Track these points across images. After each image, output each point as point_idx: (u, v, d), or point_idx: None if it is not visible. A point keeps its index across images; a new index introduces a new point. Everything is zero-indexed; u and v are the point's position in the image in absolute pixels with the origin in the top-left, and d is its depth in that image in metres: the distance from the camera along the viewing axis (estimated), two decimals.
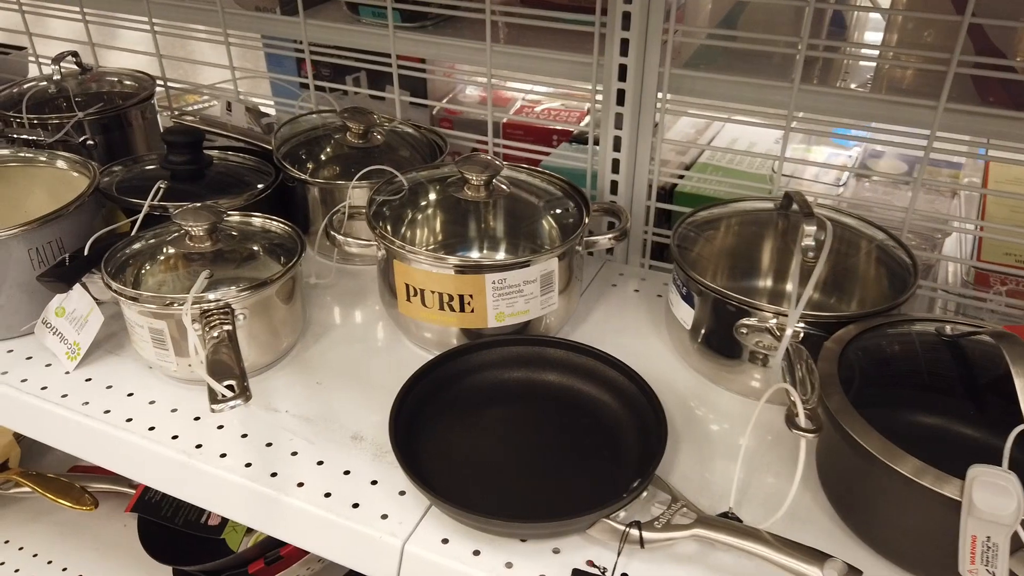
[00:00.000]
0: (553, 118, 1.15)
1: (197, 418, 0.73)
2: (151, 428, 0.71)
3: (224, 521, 1.03)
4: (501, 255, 0.77)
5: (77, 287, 0.77)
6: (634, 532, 0.56)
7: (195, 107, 1.29)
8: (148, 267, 0.77)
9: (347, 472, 0.67)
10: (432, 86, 1.27)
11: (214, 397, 0.59)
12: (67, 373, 0.78)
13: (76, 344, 0.78)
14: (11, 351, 0.81)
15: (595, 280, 0.93)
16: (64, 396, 0.75)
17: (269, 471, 0.67)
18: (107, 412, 0.73)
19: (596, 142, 0.95)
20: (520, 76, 1.15)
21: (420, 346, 0.82)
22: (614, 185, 0.94)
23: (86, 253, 0.78)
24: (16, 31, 1.30)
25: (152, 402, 0.74)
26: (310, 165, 0.94)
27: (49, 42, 1.30)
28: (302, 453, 0.69)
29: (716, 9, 0.92)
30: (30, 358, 0.80)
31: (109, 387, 0.76)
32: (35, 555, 1.06)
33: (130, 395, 0.75)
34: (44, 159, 0.92)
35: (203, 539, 1.01)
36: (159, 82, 1.16)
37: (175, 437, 0.70)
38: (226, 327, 0.69)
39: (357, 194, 0.90)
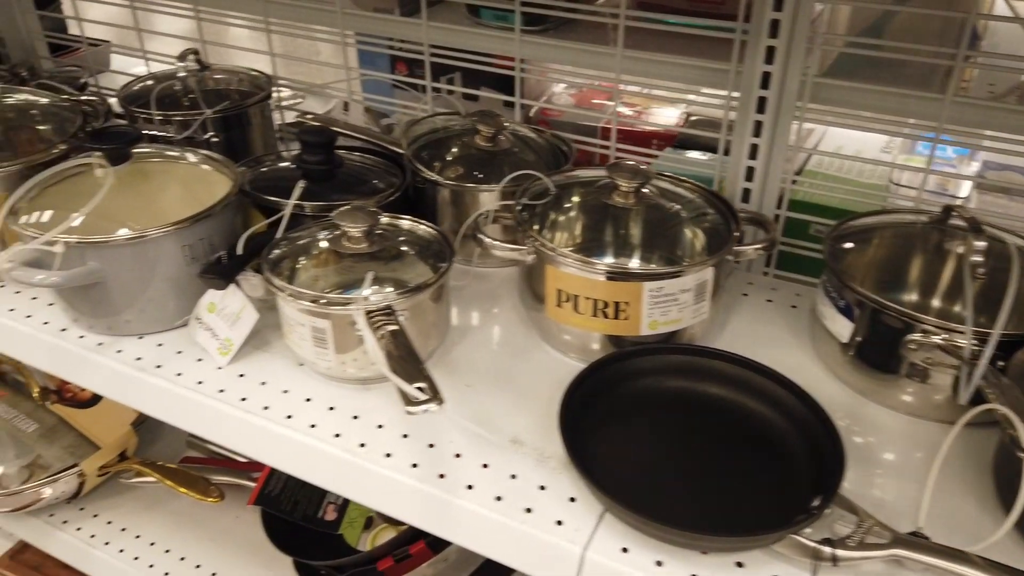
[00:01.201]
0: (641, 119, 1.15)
1: (355, 417, 0.74)
2: (312, 426, 0.72)
3: (340, 516, 1.04)
4: (651, 262, 0.76)
5: (230, 285, 0.79)
6: (827, 550, 0.56)
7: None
8: (302, 266, 0.78)
9: (513, 476, 0.67)
10: (524, 86, 1.28)
11: (408, 400, 0.59)
12: (219, 368, 0.79)
13: (228, 340, 0.79)
14: (160, 345, 0.82)
15: (725, 290, 0.93)
16: (221, 391, 0.76)
17: (436, 472, 0.68)
18: (266, 408, 0.74)
19: (726, 151, 0.95)
20: (629, 80, 1.14)
21: (560, 350, 0.82)
22: (745, 193, 0.93)
23: (240, 251, 0.79)
24: (123, 27, 1.32)
25: (308, 399, 0.75)
26: (437, 167, 0.95)
27: (143, 38, 1.32)
28: (465, 456, 0.69)
29: (856, 19, 0.91)
30: (180, 352, 0.81)
31: (263, 383, 0.77)
32: (152, 543, 1.08)
33: (285, 392, 0.76)
34: (176, 154, 0.93)
35: (321, 534, 1.02)
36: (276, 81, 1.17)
37: (337, 435, 0.71)
38: (390, 327, 0.70)
39: (486, 198, 0.91)
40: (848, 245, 0.79)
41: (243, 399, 0.75)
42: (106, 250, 0.76)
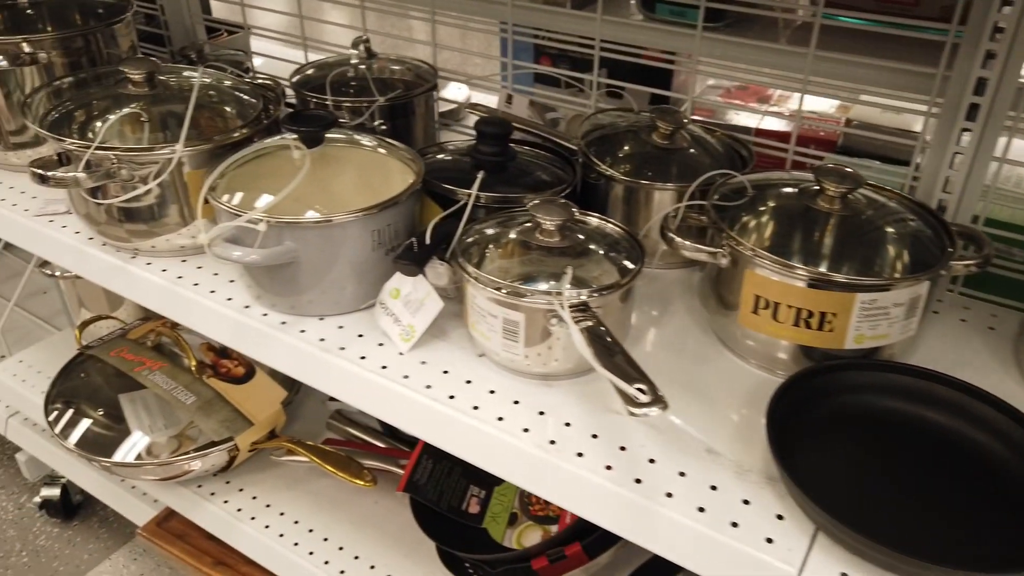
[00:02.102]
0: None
1: (541, 412, 0.72)
2: (500, 419, 0.71)
3: (483, 510, 1.04)
4: (856, 273, 0.72)
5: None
6: None
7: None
8: (490, 256, 0.77)
9: (714, 488, 0.65)
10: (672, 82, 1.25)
11: (629, 400, 0.58)
12: (400, 354, 0.79)
13: (411, 327, 0.79)
14: (341, 327, 0.83)
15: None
16: (406, 377, 0.76)
17: (632, 476, 0.66)
18: (452, 398, 0.74)
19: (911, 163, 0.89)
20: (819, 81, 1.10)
21: (743, 358, 0.79)
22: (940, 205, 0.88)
23: (428, 239, 0.79)
24: (289, 13, 1.35)
25: (492, 391, 0.75)
26: (610, 162, 0.93)
27: (261, 20, 1.35)
28: (660, 462, 0.67)
29: None
30: (361, 336, 0.81)
31: (446, 372, 0.77)
32: (296, 522, 1.10)
33: (468, 382, 0.76)
34: (355, 139, 0.94)
35: (463, 526, 1.02)
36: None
37: (526, 431, 0.70)
38: (587, 323, 0.68)
39: (665, 197, 0.89)
40: None
41: (428, 386, 0.75)
42: (303, 231, 0.77)
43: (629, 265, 0.75)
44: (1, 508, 1.50)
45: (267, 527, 1.09)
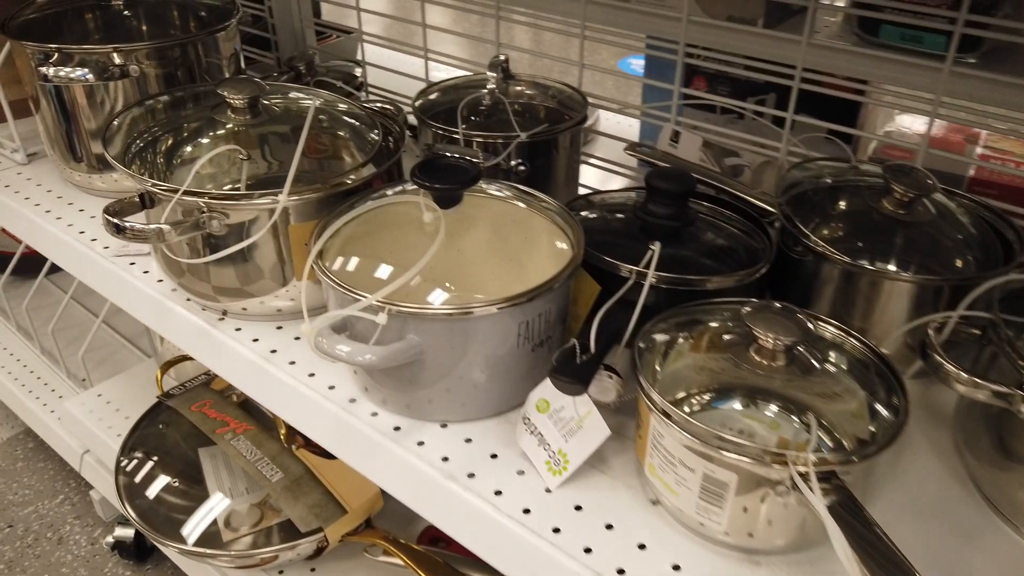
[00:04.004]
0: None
1: None
2: None
3: None
4: None
5: None
6: None
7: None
8: (677, 371, 0.57)
9: None
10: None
11: None
12: (548, 491, 0.60)
13: (563, 455, 0.60)
14: (469, 441, 0.64)
15: None
16: (556, 532, 0.57)
17: None
18: (621, 573, 0.54)
19: None
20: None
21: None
22: None
23: (592, 341, 0.59)
24: (404, 19, 1.18)
25: (676, 568, 0.54)
26: (822, 233, 0.71)
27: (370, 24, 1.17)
28: None
29: None
30: (495, 457, 0.63)
31: (609, 527, 0.57)
32: None
33: (641, 548, 0.56)
34: (491, 189, 0.75)
35: None
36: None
37: None
38: (835, 496, 0.47)
39: (902, 291, 0.66)
40: None
41: (587, 550, 0.55)
42: (431, 323, 0.59)
43: (884, 410, 0.54)
44: (74, 542, 1.40)
45: None
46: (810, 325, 0.54)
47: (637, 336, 0.60)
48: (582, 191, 0.92)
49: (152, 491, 1.01)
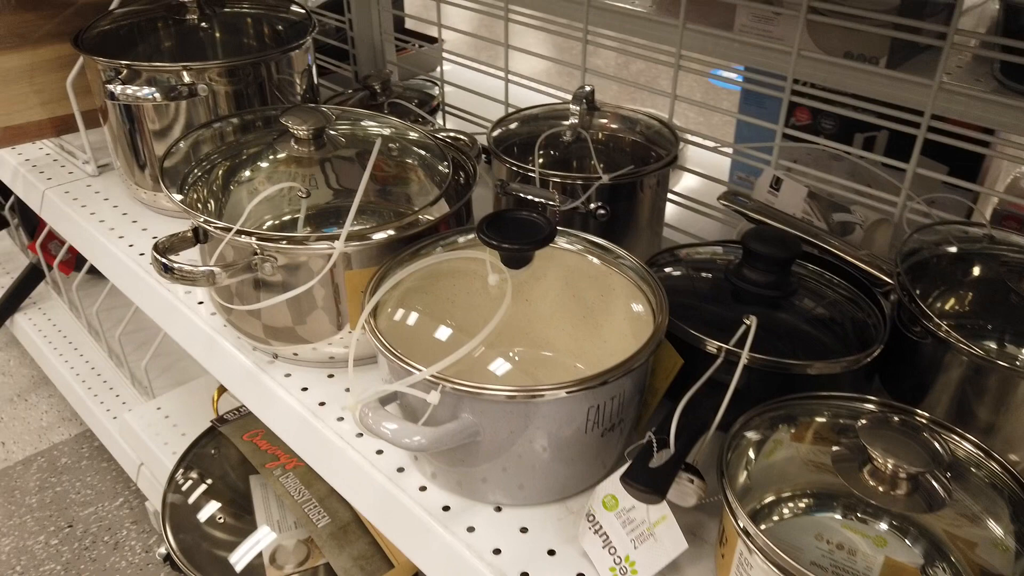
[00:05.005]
0: None
1: None
2: None
3: None
4: None
5: None
6: None
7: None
8: (770, 478, 0.49)
9: None
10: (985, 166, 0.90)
11: None
12: None
13: (630, 563, 0.52)
14: (525, 531, 0.57)
15: None
16: None
17: None
18: None
19: None
20: None
21: None
22: None
23: (673, 439, 0.51)
24: (486, 38, 1.12)
25: None
26: (946, 312, 0.61)
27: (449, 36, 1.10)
28: None
29: None
30: (552, 554, 0.56)
31: None
32: None
33: None
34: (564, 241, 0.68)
35: None
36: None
37: None
38: None
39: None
40: None
41: None
42: (490, 404, 0.52)
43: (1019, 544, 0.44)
44: (129, 548, 1.40)
45: None
46: (939, 448, 0.45)
47: (725, 441, 0.52)
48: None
49: (199, 519, 0.98)
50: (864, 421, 0.46)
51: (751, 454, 0.52)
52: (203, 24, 0.98)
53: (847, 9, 0.73)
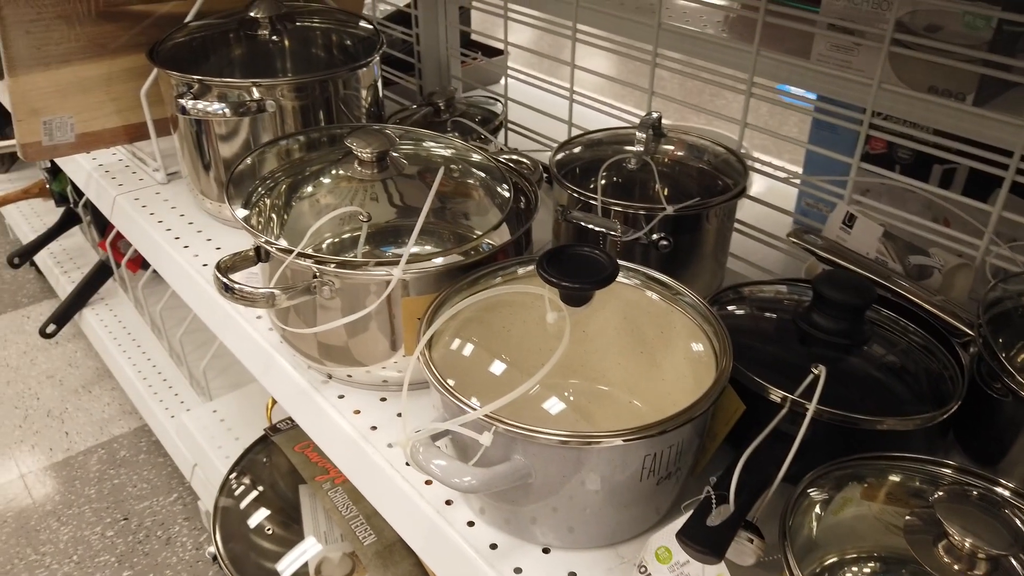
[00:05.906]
0: None
1: None
2: None
3: None
4: None
5: None
6: None
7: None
8: (833, 544, 0.46)
9: None
10: None
11: None
12: None
13: None
14: (574, 575, 0.56)
15: None
16: None
17: None
18: None
19: None
20: None
21: None
22: None
23: (732, 497, 0.49)
24: (552, 57, 1.11)
25: None
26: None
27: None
28: None
29: None
30: None
31: None
32: None
33: None
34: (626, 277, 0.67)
35: None
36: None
37: None
38: None
39: None
40: None
41: None
42: (543, 448, 0.51)
43: None
44: (180, 544, 1.43)
45: None
46: (1023, 526, 0.42)
47: (789, 502, 0.49)
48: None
49: (248, 525, 1.00)
50: (941, 493, 0.44)
51: (816, 511, 0.49)
52: (274, 38, 0.99)
53: (934, 43, 0.70)
